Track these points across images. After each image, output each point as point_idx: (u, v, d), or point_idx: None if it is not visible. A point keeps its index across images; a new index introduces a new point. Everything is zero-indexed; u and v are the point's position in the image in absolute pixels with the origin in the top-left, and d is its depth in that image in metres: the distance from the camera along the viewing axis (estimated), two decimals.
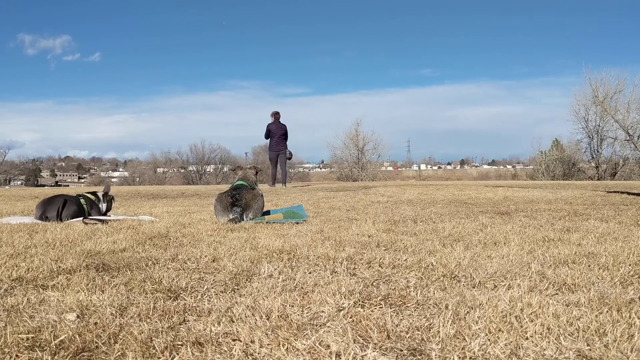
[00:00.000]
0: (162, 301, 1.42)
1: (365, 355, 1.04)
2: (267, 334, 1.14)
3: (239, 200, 3.50)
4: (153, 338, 1.12)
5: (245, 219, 3.46)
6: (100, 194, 4.17)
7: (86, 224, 3.36)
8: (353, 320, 1.24)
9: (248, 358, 1.04)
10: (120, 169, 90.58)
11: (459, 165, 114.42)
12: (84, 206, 3.94)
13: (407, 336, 1.14)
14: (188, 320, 1.26)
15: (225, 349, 1.08)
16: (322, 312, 1.31)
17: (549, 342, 1.09)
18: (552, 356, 1.03)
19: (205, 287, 1.59)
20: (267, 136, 11.13)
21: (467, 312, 1.29)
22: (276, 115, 11.06)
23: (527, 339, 1.10)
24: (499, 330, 1.15)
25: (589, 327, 1.16)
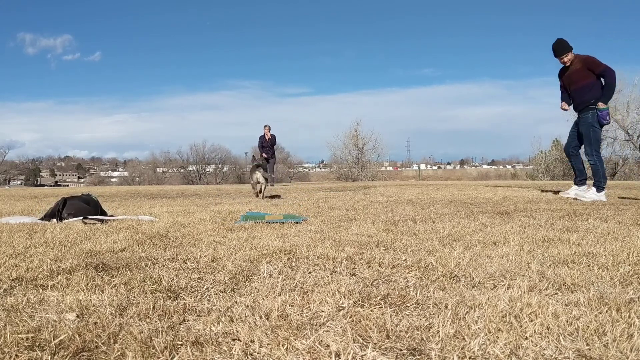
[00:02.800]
0: (161, 301, 1.42)
1: (365, 355, 1.04)
2: (266, 334, 1.14)
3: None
4: (153, 338, 1.12)
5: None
6: None
7: (86, 223, 3.36)
8: (353, 320, 1.24)
9: (248, 358, 1.04)
10: (120, 169, 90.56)
11: (458, 165, 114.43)
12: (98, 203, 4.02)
13: (407, 336, 1.14)
14: (188, 320, 1.26)
15: (225, 348, 1.08)
16: (322, 311, 1.31)
17: (548, 342, 1.09)
18: (551, 356, 1.03)
19: (205, 287, 1.59)
20: (260, 146, 13.83)
21: (467, 311, 1.29)
22: (267, 128, 13.72)
23: (526, 338, 1.10)
24: (499, 330, 1.15)
25: (588, 326, 1.16)
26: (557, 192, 6.44)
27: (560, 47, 5.66)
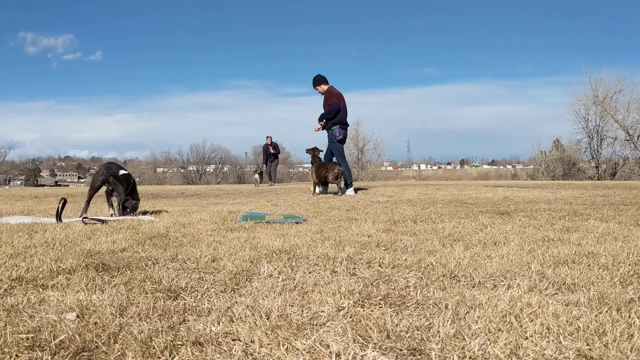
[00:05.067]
0: (162, 301, 1.42)
1: (365, 355, 1.04)
2: (267, 334, 1.14)
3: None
4: (153, 338, 1.12)
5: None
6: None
7: (86, 223, 3.36)
8: (353, 320, 1.24)
9: (248, 358, 1.04)
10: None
11: (458, 165, 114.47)
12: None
13: (407, 336, 1.14)
14: (188, 320, 1.26)
15: (225, 348, 1.08)
16: (322, 311, 1.31)
17: (548, 342, 1.09)
18: (551, 356, 1.03)
19: (205, 287, 1.59)
20: (265, 152, 16.01)
21: (467, 311, 1.29)
22: (269, 138, 15.85)
23: (526, 338, 1.10)
24: (499, 330, 1.15)
25: (588, 326, 1.16)
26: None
27: (314, 82, 7.66)
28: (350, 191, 7.30)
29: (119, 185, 3.85)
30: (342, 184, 7.25)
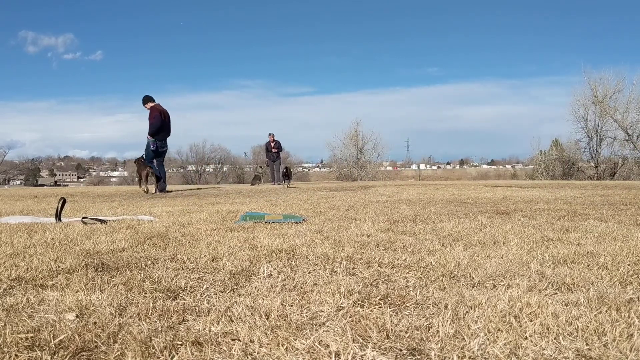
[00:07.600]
0: (161, 301, 1.42)
1: (365, 354, 1.04)
2: (266, 334, 1.14)
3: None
4: (152, 338, 1.12)
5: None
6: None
7: (85, 223, 3.36)
8: (352, 320, 1.24)
9: (247, 357, 1.04)
10: (120, 169, 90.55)
11: (458, 165, 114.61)
12: None
13: (407, 336, 1.14)
14: (187, 320, 1.26)
15: (225, 348, 1.08)
16: (322, 311, 1.31)
17: (548, 342, 1.09)
18: (551, 356, 1.03)
19: (205, 287, 1.59)
20: (267, 150, 16.81)
21: (467, 311, 1.29)
22: (271, 136, 16.55)
23: (526, 338, 1.11)
24: (498, 329, 1.15)
25: (588, 326, 1.16)
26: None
27: (143, 100, 9.54)
28: (163, 192, 9.08)
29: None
30: (155, 183, 9.03)
